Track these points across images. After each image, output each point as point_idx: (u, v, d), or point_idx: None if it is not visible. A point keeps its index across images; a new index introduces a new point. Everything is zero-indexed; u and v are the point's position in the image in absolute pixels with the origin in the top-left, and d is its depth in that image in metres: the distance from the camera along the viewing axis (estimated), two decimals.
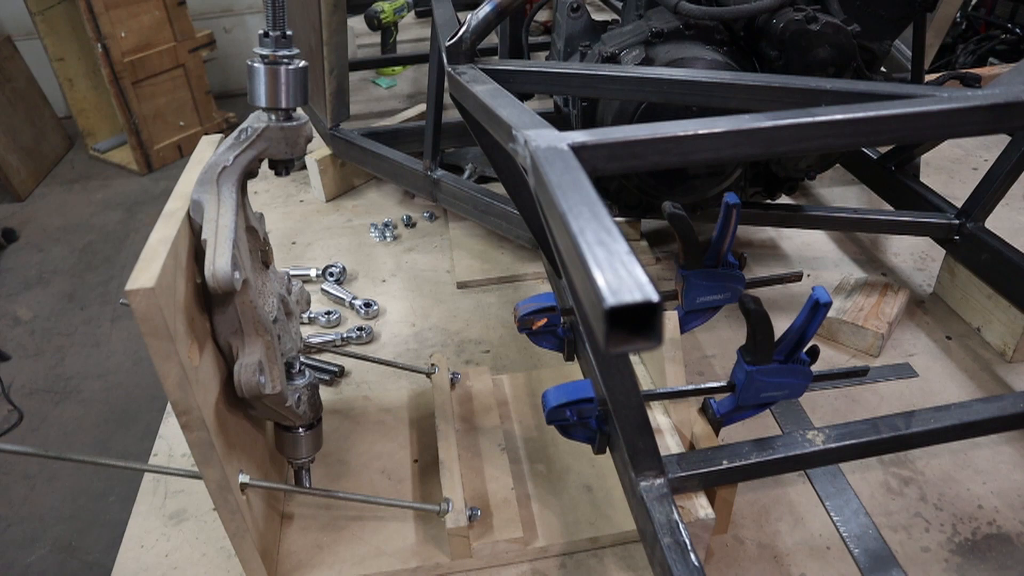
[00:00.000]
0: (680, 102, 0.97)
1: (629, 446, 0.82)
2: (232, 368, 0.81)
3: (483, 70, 1.03)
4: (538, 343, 1.10)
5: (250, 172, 0.82)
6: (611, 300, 0.38)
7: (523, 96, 1.27)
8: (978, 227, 1.31)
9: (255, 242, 0.87)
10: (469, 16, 1.09)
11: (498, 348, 1.33)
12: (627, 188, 1.37)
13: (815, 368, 0.91)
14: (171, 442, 1.16)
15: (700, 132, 0.62)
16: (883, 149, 1.61)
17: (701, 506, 0.86)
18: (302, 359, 0.96)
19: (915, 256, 1.54)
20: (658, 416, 1.01)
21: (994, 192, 1.29)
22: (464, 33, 1.07)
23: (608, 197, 1.40)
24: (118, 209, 4.21)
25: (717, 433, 0.96)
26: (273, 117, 0.82)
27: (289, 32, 0.80)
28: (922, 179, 1.55)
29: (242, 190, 0.83)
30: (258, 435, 0.94)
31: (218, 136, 0.87)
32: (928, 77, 1.63)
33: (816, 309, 0.85)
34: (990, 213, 1.32)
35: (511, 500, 0.99)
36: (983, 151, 1.95)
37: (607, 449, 0.94)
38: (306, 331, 1.37)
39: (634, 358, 1.12)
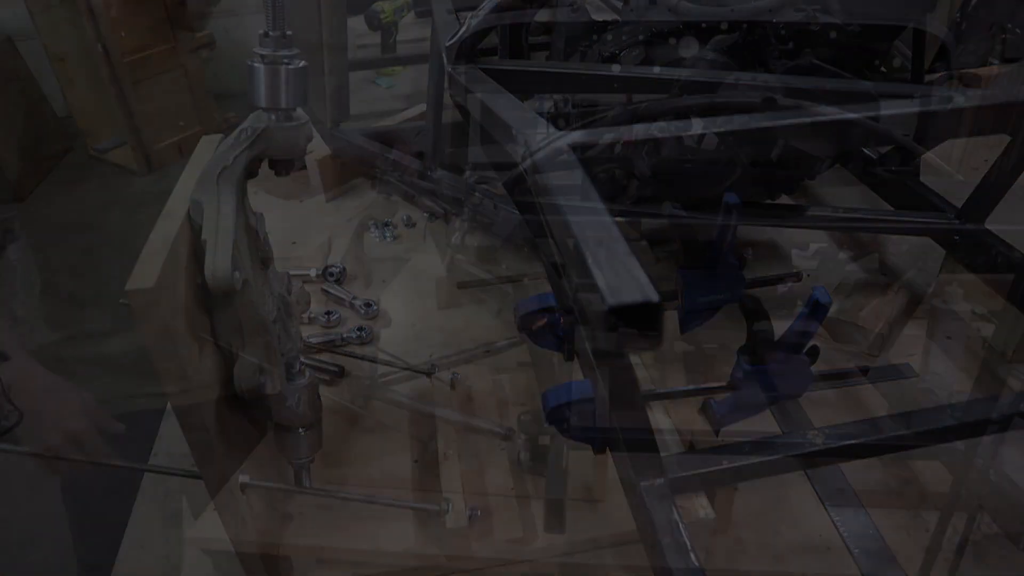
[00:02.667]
0: (680, 102, 0.97)
1: (629, 446, 0.82)
2: (232, 368, 0.81)
3: (483, 70, 1.03)
4: (538, 343, 1.10)
5: (250, 172, 0.82)
6: (611, 300, 0.38)
7: (523, 96, 1.27)
8: (978, 227, 1.31)
9: (255, 242, 0.87)
10: (469, 16, 1.09)
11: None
12: (627, 187, 1.36)
13: (815, 368, 0.91)
14: (171, 442, 1.15)
15: (699, 132, 0.62)
16: (883, 149, 1.61)
17: (701, 506, 0.86)
18: (302, 359, 0.96)
19: (915, 256, 1.54)
20: (658, 416, 1.01)
21: (994, 192, 1.29)
22: (464, 33, 1.07)
23: (608, 197, 1.40)
24: (118, 209, 4.20)
25: (717, 433, 0.96)
26: (273, 117, 0.82)
27: (289, 32, 0.80)
28: (922, 179, 1.55)
29: (242, 190, 0.83)
30: (258, 435, 0.94)
31: (218, 136, 0.87)
32: (928, 77, 1.63)
33: (816, 309, 0.85)
34: (990, 213, 1.32)
35: (511, 500, 0.99)
36: (983, 151, 1.94)
37: (607, 449, 0.94)
38: (306, 331, 1.37)
39: (634, 358, 1.12)
